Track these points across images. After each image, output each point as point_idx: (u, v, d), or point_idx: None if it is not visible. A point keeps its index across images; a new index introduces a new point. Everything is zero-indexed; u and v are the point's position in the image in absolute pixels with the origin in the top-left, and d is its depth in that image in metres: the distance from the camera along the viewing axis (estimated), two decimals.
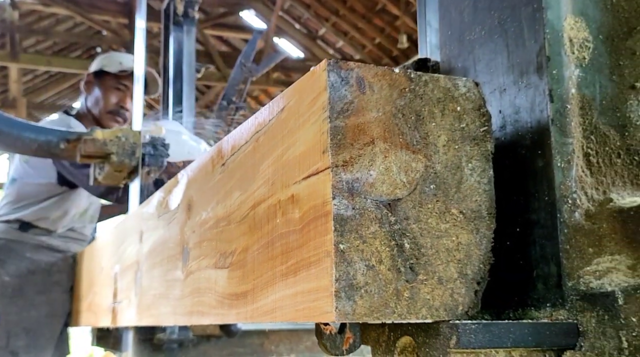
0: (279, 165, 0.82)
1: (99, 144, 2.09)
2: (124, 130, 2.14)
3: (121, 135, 2.12)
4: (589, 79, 0.81)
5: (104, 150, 2.10)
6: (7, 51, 13.21)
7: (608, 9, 0.83)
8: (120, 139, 2.11)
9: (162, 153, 2.21)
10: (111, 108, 3.20)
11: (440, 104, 0.77)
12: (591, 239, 0.77)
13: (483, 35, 0.90)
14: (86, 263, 2.19)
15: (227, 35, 14.77)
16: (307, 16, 13.59)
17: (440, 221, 0.74)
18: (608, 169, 0.80)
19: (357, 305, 0.68)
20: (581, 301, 0.74)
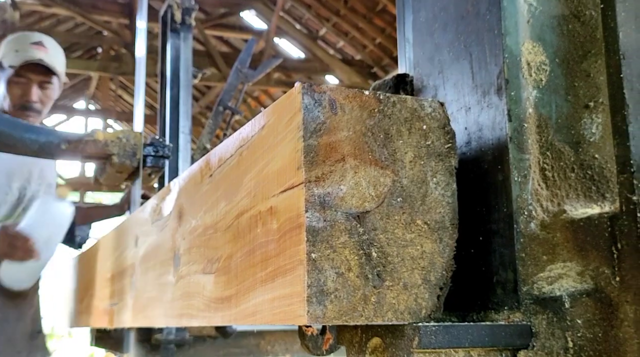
0: (259, 179, 0.89)
1: (100, 145, 2.11)
2: (125, 132, 2.16)
3: (122, 137, 2.14)
4: (546, 99, 0.88)
5: (105, 151, 2.11)
6: None
7: (564, 34, 0.91)
8: (121, 140, 2.13)
9: (163, 154, 2.25)
10: (17, 102, 2.98)
11: (407, 123, 0.84)
12: (545, 247, 0.84)
13: (451, 56, 0.97)
14: (84, 265, 2.26)
15: (227, 36, 14.84)
16: (308, 16, 13.66)
17: (406, 231, 0.81)
18: (563, 182, 0.87)
19: (327, 309, 0.75)
20: (534, 305, 0.81)
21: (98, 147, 2.11)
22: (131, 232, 1.58)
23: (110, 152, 2.12)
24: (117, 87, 17.60)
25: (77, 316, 2.32)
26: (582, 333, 0.78)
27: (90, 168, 15.18)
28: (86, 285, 2.15)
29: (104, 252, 1.93)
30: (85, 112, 17.46)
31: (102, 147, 2.12)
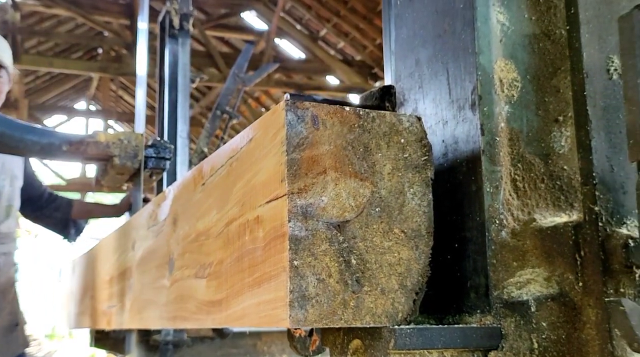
0: (247, 189, 0.95)
1: (102, 147, 2.11)
2: (126, 133, 2.18)
3: (124, 138, 2.15)
4: (517, 114, 0.94)
5: (107, 152, 2.12)
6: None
7: (535, 52, 0.96)
8: (122, 141, 2.14)
9: (164, 156, 2.28)
10: None
11: (386, 137, 0.90)
12: (515, 254, 0.89)
13: (430, 72, 1.02)
14: (83, 268, 2.32)
15: (228, 36, 14.89)
16: (308, 17, 13.71)
17: (384, 239, 0.87)
18: (533, 192, 0.92)
19: (308, 313, 0.80)
20: (504, 308, 0.86)
21: (99, 149, 2.12)
22: (129, 236, 1.63)
23: (111, 154, 2.13)
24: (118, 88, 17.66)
25: (77, 317, 2.38)
26: (546, 335, 0.83)
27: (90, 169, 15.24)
28: (86, 287, 2.21)
29: (103, 255, 1.98)
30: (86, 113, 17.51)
31: (103, 149, 2.13)
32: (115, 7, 14.39)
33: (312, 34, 13.97)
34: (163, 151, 2.30)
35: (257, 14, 14.16)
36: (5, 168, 3.01)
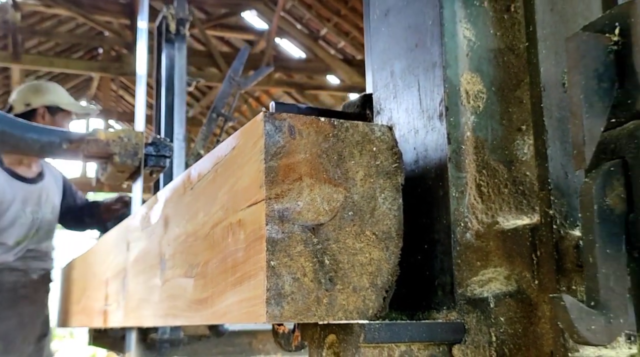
0: (231, 194, 1.02)
1: (102, 145, 2.13)
2: (126, 131, 2.19)
3: (124, 136, 2.16)
4: (483, 123, 1.01)
5: (107, 150, 2.13)
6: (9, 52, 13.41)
7: (500, 65, 1.03)
8: (122, 139, 2.15)
9: (164, 153, 2.32)
10: None
11: (359, 145, 0.97)
12: (479, 254, 0.96)
13: (403, 84, 1.10)
14: (80, 269, 2.39)
15: (228, 36, 14.96)
16: (309, 16, 13.78)
17: (356, 241, 0.94)
18: (496, 197, 1.00)
19: (284, 309, 0.88)
20: (467, 305, 0.94)
21: (100, 147, 2.14)
22: (124, 238, 1.70)
23: (111, 152, 2.14)
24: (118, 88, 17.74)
25: (75, 316, 2.45)
26: (504, 329, 0.90)
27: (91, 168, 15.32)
28: (83, 286, 2.28)
29: (100, 256, 2.06)
30: None
31: (103, 147, 2.15)
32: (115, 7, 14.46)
33: (313, 33, 14.04)
34: (163, 149, 2.31)
35: (257, 14, 14.23)
36: (48, 199, 3.64)
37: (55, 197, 3.71)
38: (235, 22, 14.50)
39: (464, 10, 1.03)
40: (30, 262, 3.59)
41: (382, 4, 1.18)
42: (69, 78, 17.43)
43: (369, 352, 0.90)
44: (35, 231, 3.57)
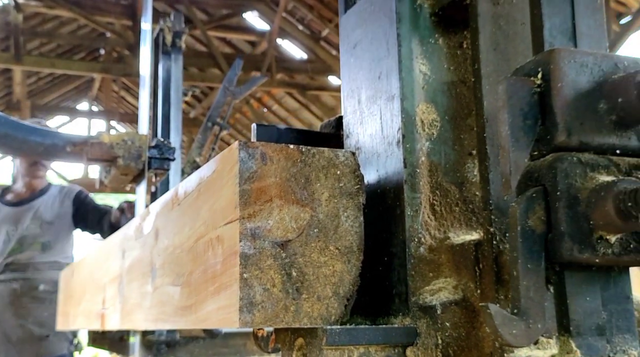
0: (212, 212, 1.15)
1: (106, 148, 2.16)
2: (130, 134, 2.23)
3: (127, 139, 2.20)
4: (437, 149, 1.14)
5: (111, 153, 2.16)
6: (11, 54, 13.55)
7: (453, 96, 1.16)
8: (126, 142, 2.19)
9: (167, 156, 2.35)
10: (30, 163, 4.11)
11: (324, 169, 1.10)
12: (431, 266, 1.10)
13: (368, 112, 1.23)
14: (80, 273, 2.53)
15: (230, 37, 15.10)
16: (310, 17, 13.91)
17: (320, 255, 1.07)
18: (448, 215, 1.13)
19: (255, 316, 1.01)
20: (419, 312, 1.07)
21: (103, 150, 2.17)
22: (120, 246, 1.84)
23: (115, 155, 2.17)
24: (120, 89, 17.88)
25: (74, 318, 2.59)
26: (449, 333, 1.03)
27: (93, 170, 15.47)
28: (83, 290, 2.42)
29: (98, 262, 2.19)
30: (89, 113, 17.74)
31: (107, 150, 2.18)
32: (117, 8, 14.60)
33: (314, 34, 14.18)
34: (166, 152, 2.34)
35: (259, 15, 14.37)
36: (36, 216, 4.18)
37: (47, 212, 4.21)
38: (236, 23, 14.63)
39: (420, 47, 1.17)
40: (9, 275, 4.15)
41: (351, 37, 1.31)
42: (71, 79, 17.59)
43: (330, 354, 1.03)
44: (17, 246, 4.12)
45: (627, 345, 0.92)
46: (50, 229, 4.22)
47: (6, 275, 4.17)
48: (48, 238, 4.21)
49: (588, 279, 0.92)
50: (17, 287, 4.13)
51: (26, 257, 4.14)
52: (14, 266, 4.16)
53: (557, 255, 0.89)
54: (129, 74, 13.92)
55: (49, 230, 4.22)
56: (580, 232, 0.88)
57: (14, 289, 4.12)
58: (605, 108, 0.92)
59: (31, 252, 4.16)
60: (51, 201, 4.27)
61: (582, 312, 0.91)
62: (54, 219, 4.25)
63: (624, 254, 0.90)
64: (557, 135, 0.90)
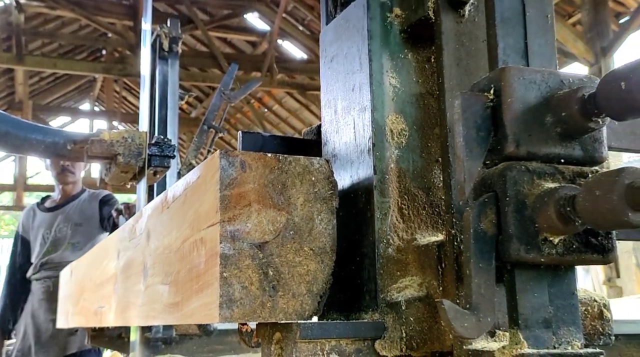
0: (196, 215, 1.24)
1: (106, 145, 2.11)
2: (130, 132, 2.20)
3: (127, 136, 2.15)
4: (405, 156, 1.23)
5: (111, 151, 2.12)
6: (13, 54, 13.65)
7: (421, 107, 1.25)
8: (126, 140, 2.14)
9: (168, 154, 2.28)
10: (58, 170, 4.63)
11: (300, 176, 1.19)
12: (399, 266, 1.19)
13: (344, 121, 1.32)
14: (79, 273, 2.62)
15: (231, 37, 15.20)
16: (310, 18, 14.01)
17: (295, 255, 1.16)
18: (416, 218, 1.22)
19: (234, 312, 1.10)
20: (387, 307, 1.16)
21: (104, 147, 2.12)
22: (115, 247, 1.93)
23: (115, 152, 2.13)
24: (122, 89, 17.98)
25: (73, 316, 2.68)
26: (413, 327, 1.12)
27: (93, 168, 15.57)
28: (81, 289, 2.51)
29: (95, 262, 2.29)
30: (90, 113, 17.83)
31: (107, 147, 2.13)
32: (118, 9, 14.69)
33: (314, 34, 14.26)
34: (167, 149, 2.30)
35: (259, 15, 14.47)
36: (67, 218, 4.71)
37: (76, 214, 4.74)
38: (237, 24, 14.73)
39: (390, 62, 1.26)
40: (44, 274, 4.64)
41: (329, 50, 1.40)
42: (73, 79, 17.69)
43: (304, 346, 1.12)
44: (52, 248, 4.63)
45: (571, 337, 1.01)
46: (80, 231, 4.69)
47: (41, 274, 4.62)
48: (78, 239, 4.67)
49: (536, 277, 1.01)
50: (50, 285, 4.53)
51: (59, 257, 4.56)
52: (48, 265, 4.59)
53: (506, 255, 0.98)
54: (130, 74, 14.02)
55: (78, 231, 4.69)
56: (526, 234, 0.97)
57: (47, 286, 4.58)
58: (551, 121, 1.01)
59: (63, 253, 4.60)
60: (81, 205, 4.79)
61: (530, 307, 1.00)
62: (83, 221, 4.71)
63: (567, 254, 0.98)
64: (507, 146, 0.99)
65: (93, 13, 14.10)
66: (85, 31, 15.85)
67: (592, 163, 1.03)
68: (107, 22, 14.55)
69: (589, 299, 1.22)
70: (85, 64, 15.44)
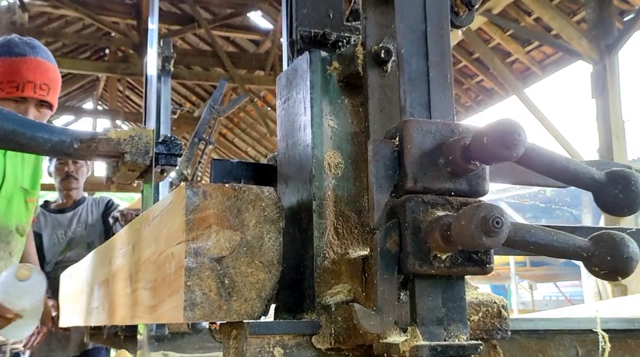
0: (169, 233, 1.54)
1: (113, 144, 2.12)
2: (137, 130, 2.22)
3: (134, 135, 2.16)
4: (341, 185, 1.53)
5: (118, 149, 2.12)
6: None
7: (355, 144, 1.55)
8: (133, 138, 2.15)
9: (175, 152, 2.31)
10: (62, 176, 5.03)
11: (252, 202, 1.49)
12: (333, 275, 1.48)
13: (292, 155, 1.62)
14: (78, 276, 2.94)
15: (234, 36, 15.49)
16: None
17: (248, 267, 1.46)
18: (349, 235, 1.52)
19: (195, 314, 1.40)
20: (321, 309, 1.45)
21: (111, 146, 2.12)
22: (108, 254, 2.24)
23: (122, 151, 2.12)
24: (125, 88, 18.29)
25: (72, 315, 2.99)
26: (340, 325, 1.42)
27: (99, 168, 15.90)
28: (79, 291, 2.83)
29: (92, 266, 2.59)
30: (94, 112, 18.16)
31: (114, 146, 2.13)
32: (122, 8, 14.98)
33: None
34: (174, 148, 2.31)
35: (262, 14, 14.76)
36: (80, 220, 5.14)
37: (89, 216, 5.14)
38: (240, 22, 15.02)
39: (329, 107, 1.56)
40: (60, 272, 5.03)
41: (283, 93, 1.70)
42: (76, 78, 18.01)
43: (253, 341, 1.42)
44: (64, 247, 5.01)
45: (459, 332, 1.31)
46: (94, 230, 5.12)
47: (57, 272, 4.89)
48: (92, 238, 5.08)
49: (431, 285, 1.31)
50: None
51: (75, 256, 4.85)
52: (64, 264, 4.82)
53: (405, 268, 1.28)
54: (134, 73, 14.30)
55: (92, 231, 5.11)
56: (420, 252, 1.27)
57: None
58: (442, 162, 1.30)
59: (78, 251, 4.95)
60: (90, 207, 5.23)
61: (426, 308, 1.30)
62: (95, 222, 5.16)
63: (453, 267, 1.28)
64: (407, 182, 1.29)
65: (96, 12, 14.40)
66: (89, 30, 16.17)
67: (476, 195, 1.32)
68: (110, 22, 14.85)
69: (490, 301, 1.51)
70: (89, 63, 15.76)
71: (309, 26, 1.72)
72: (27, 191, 3.35)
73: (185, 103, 11.25)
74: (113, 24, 15.09)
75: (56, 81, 3.36)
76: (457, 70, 13.74)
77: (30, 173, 3.45)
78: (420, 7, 1.39)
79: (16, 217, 3.14)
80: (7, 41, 3.30)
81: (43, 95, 3.23)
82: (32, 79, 3.18)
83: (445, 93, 1.39)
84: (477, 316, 1.49)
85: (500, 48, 12.47)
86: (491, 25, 12.04)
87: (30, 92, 3.16)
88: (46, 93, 3.25)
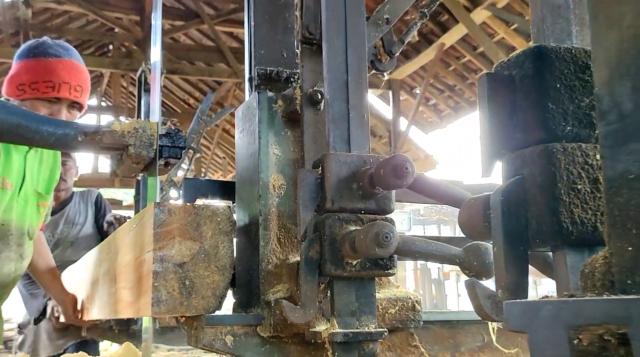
0: (143, 242, 1.93)
1: (117, 136, 2.15)
2: (141, 122, 2.26)
3: (139, 127, 2.19)
4: (283, 202, 1.91)
5: (122, 142, 2.15)
6: None
7: (296, 168, 1.93)
8: (138, 130, 2.18)
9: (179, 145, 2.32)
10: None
11: (209, 217, 1.87)
12: (275, 277, 1.87)
13: (246, 178, 2.00)
14: (76, 275, 3.34)
15: (237, 32, 15.80)
16: None
17: (205, 271, 1.85)
18: (289, 244, 1.90)
19: (161, 309, 1.78)
20: (265, 305, 1.84)
21: (115, 138, 2.15)
22: (99, 257, 2.63)
23: (127, 143, 2.15)
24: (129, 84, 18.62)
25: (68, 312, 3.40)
26: (278, 317, 1.80)
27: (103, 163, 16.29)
28: (77, 289, 3.23)
29: (86, 267, 2.99)
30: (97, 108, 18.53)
31: (119, 138, 2.16)
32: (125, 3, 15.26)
33: None
34: (178, 141, 2.29)
35: None
36: (67, 220, 5.25)
37: (77, 215, 5.30)
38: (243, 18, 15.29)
39: (274, 138, 1.94)
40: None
41: (239, 124, 2.08)
42: None
43: (209, 330, 1.81)
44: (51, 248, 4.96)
45: (369, 322, 1.69)
46: (79, 229, 5.27)
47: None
48: (77, 237, 5.26)
49: (347, 285, 1.69)
50: None
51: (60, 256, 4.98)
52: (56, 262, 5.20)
53: (324, 272, 1.66)
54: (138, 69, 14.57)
55: (79, 231, 5.27)
56: (336, 259, 1.65)
57: None
58: (355, 187, 1.68)
59: (63, 251, 5.08)
60: (77, 205, 5.34)
61: (342, 303, 1.68)
62: (83, 220, 5.32)
63: (362, 270, 1.66)
64: (327, 203, 1.67)
65: (100, 8, 14.70)
66: (92, 26, 16.49)
67: (383, 213, 1.70)
68: (114, 17, 15.17)
69: (406, 297, 1.90)
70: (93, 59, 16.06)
71: (265, 64, 2.10)
72: (41, 195, 3.40)
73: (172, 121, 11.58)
74: (116, 20, 15.40)
75: (88, 83, 3.51)
76: (462, 65, 14.04)
77: (46, 177, 3.49)
78: (342, 61, 1.77)
79: (29, 220, 3.26)
80: (41, 43, 3.46)
81: (77, 96, 3.34)
82: (67, 80, 3.30)
83: (362, 130, 1.76)
84: (394, 309, 1.87)
85: (504, 42, 12.75)
86: (495, 19, 12.32)
87: (65, 93, 3.27)
88: (80, 94, 3.37)
